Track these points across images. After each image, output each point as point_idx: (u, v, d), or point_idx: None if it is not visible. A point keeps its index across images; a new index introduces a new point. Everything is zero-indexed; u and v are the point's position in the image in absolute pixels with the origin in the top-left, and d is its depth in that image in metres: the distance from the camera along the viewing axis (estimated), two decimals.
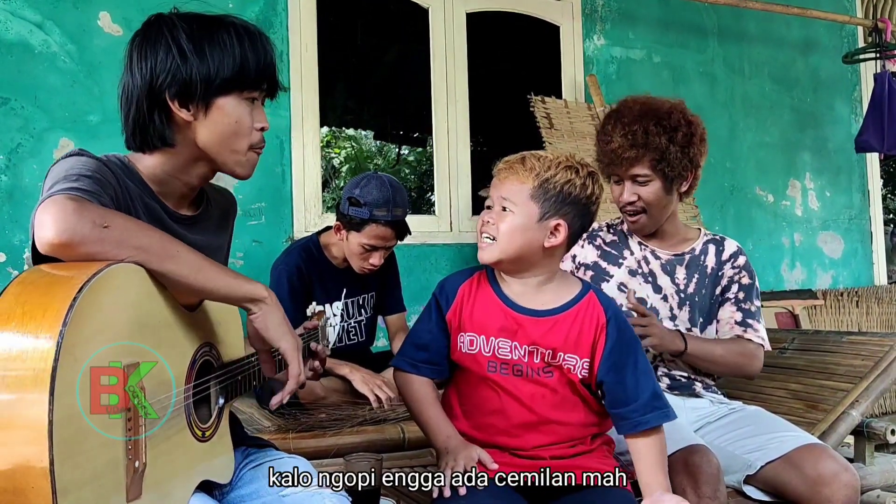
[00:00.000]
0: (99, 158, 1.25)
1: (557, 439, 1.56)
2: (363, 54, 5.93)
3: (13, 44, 2.86)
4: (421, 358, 1.62)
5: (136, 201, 1.28)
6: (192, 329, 1.26)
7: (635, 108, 2.01)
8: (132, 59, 1.31)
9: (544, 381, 1.54)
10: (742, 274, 2.10)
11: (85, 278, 0.99)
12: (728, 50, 4.55)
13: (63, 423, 0.93)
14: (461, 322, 1.58)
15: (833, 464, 1.71)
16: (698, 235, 2.15)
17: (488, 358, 1.55)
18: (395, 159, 11.24)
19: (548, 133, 3.66)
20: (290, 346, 1.28)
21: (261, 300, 1.26)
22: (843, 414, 2.09)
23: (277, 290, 2.56)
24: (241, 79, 1.31)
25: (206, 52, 1.28)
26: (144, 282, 1.13)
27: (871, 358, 2.21)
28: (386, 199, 2.47)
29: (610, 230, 2.16)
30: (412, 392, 1.62)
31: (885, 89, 4.31)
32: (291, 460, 1.45)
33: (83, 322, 0.97)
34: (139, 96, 1.29)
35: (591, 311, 1.56)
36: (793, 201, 4.77)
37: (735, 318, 2.06)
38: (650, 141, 1.94)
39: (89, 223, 1.07)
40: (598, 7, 4.15)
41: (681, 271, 2.08)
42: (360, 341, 2.78)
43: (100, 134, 2.93)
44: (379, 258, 2.56)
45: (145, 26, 1.33)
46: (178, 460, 1.18)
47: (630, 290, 1.95)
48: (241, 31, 1.32)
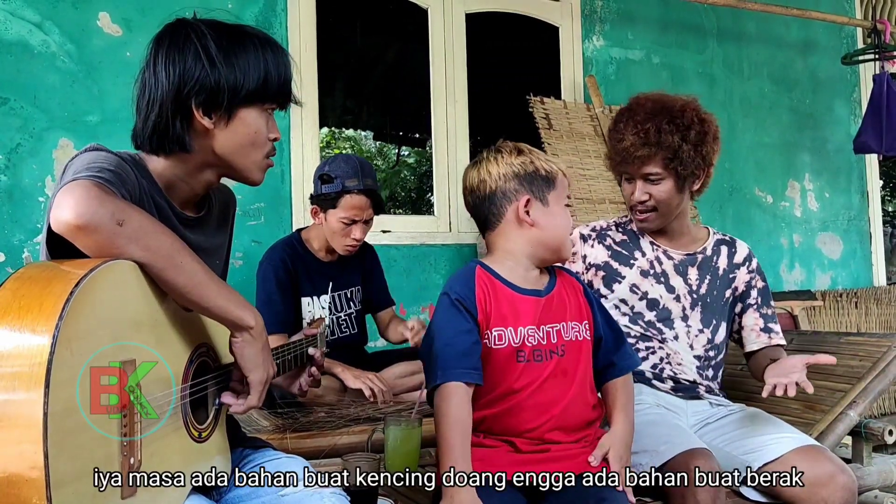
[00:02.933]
0: (117, 154, 1.26)
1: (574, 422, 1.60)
2: (362, 55, 5.94)
3: (12, 44, 2.86)
4: (468, 365, 1.53)
5: (148, 198, 1.29)
6: (189, 329, 1.26)
7: (647, 105, 2.00)
8: (157, 63, 1.31)
9: (560, 361, 1.60)
10: (757, 278, 2.13)
11: (82, 273, 1.00)
12: (727, 50, 4.56)
13: (58, 416, 0.93)
14: (489, 319, 1.59)
15: (830, 465, 1.71)
16: (707, 235, 2.15)
17: (517, 347, 1.58)
18: (394, 160, 11.23)
19: (547, 133, 3.66)
20: (257, 379, 1.28)
21: (246, 328, 1.26)
22: (841, 415, 2.08)
23: (265, 284, 2.58)
24: (265, 91, 1.34)
25: (234, 63, 1.30)
26: (141, 280, 1.13)
27: (868, 359, 2.20)
28: (355, 170, 2.55)
29: (619, 229, 2.14)
30: (452, 410, 1.51)
31: (884, 90, 4.32)
32: (289, 460, 1.46)
33: (80, 317, 0.98)
34: (164, 101, 1.30)
35: (570, 281, 1.72)
36: (792, 202, 4.77)
37: (759, 325, 2.10)
38: (663, 139, 1.94)
39: (109, 213, 1.08)
40: (598, 8, 4.16)
41: (693, 272, 2.08)
42: (353, 334, 2.80)
43: (99, 134, 2.93)
44: (360, 232, 2.60)
45: (171, 30, 1.33)
46: (173, 459, 1.19)
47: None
48: (265, 44, 1.35)
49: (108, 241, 1.08)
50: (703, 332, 2.05)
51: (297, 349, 1.57)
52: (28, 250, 2.82)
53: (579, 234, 2.12)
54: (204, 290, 1.19)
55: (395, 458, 1.87)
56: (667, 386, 2.02)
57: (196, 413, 1.27)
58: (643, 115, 1.97)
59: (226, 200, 1.56)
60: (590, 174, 3.66)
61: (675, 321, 2.03)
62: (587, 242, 2.11)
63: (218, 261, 1.51)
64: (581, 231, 2.13)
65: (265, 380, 1.30)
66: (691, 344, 2.04)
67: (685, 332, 2.04)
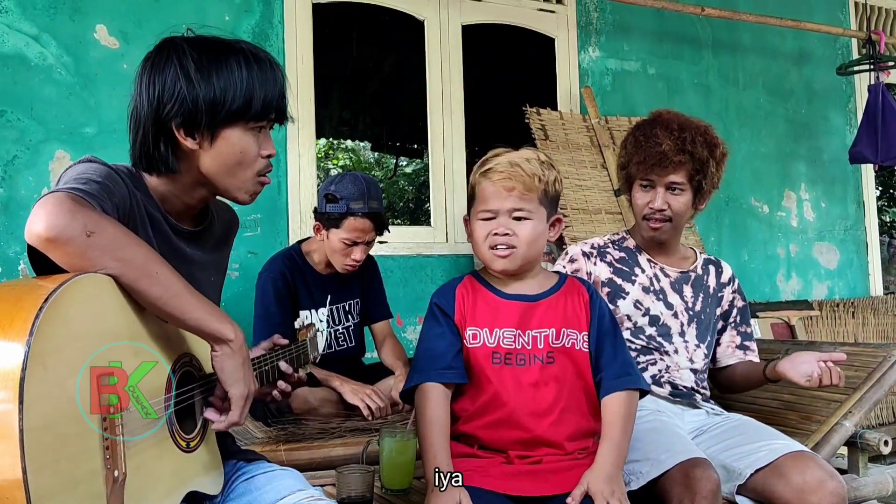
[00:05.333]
0: (110, 166, 1.26)
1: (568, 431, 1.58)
2: (359, 66, 5.96)
3: (9, 56, 2.87)
4: (441, 366, 1.59)
5: (142, 210, 1.29)
6: (171, 340, 1.25)
7: (675, 118, 2.05)
8: (141, 83, 1.31)
9: (549, 369, 1.59)
10: (737, 297, 2.20)
11: (53, 287, 0.99)
12: (722, 61, 4.58)
13: (37, 431, 0.93)
14: (465, 319, 1.63)
15: (819, 471, 1.71)
16: (695, 255, 2.21)
17: (492, 349, 1.59)
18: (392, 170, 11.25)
19: (543, 144, 3.67)
20: (238, 394, 1.26)
21: (225, 342, 1.24)
22: (837, 425, 2.08)
23: (263, 297, 2.58)
24: (248, 110, 1.31)
25: (213, 82, 1.28)
26: (117, 292, 1.13)
27: (864, 369, 2.20)
28: (361, 192, 2.52)
29: (615, 246, 2.16)
30: (427, 409, 1.56)
31: (879, 100, 4.33)
32: (284, 472, 1.45)
33: (52, 332, 0.97)
34: (146, 122, 1.29)
35: (576, 289, 1.70)
36: (788, 212, 4.78)
37: (735, 342, 2.17)
38: (696, 150, 2.00)
39: (80, 225, 1.07)
40: (593, 19, 4.18)
41: (688, 290, 2.12)
42: (351, 346, 2.80)
43: (95, 146, 2.93)
44: (360, 253, 2.59)
45: (157, 50, 1.32)
46: (161, 471, 1.18)
47: None
48: (250, 59, 1.32)
49: (80, 253, 1.08)
50: (699, 347, 2.09)
51: (263, 364, 1.50)
52: (24, 262, 2.82)
53: (581, 252, 2.13)
54: (180, 302, 1.18)
55: (390, 471, 1.87)
56: (665, 391, 2.04)
57: (183, 423, 1.27)
58: (677, 124, 2.03)
59: (229, 220, 1.56)
60: (586, 185, 3.67)
61: (673, 336, 2.07)
62: (590, 259, 2.11)
63: (213, 277, 1.50)
64: (582, 248, 2.14)
65: (246, 395, 1.27)
66: (690, 357, 2.07)
67: (683, 347, 2.07)
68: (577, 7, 4.13)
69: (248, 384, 1.28)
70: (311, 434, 2.20)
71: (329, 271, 2.70)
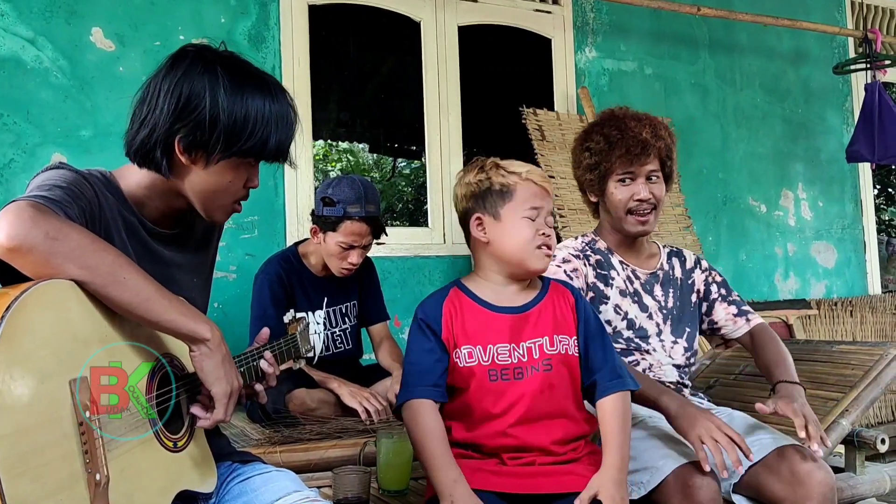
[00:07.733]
0: (79, 172, 1.25)
1: (558, 436, 1.58)
2: (356, 67, 5.95)
3: (5, 59, 2.87)
4: (429, 382, 1.57)
5: (115, 214, 1.29)
6: (150, 341, 1.25)
7: (632, 111, 2.08)
8: (163, 83, 1.29)
9: (546, 376, 1.58)
10: (713, 273, 2.19)
11: (14, 295, 0.99)
12: (719, 61, 4.58)
13: (10, 439, 0.93)
14: (456, 337, 1.60)
15: (807, 463, 1.70)
16: (659, 250, 2.19)
17: (488, 367, 1.57)
18: (390, 172, 11.25)
19: (540, 145, 3.67)
20: (220, 392, 1.25)
21: (202, 341, 1.23)
22: (834, 423, 2.08)
23: (260, 298, 2.58)
24: (262, 151, 1.32)
25: (236, 112, 1.27)
26: (82, 297, 1.12)
27: (861, 367, 2.21)
28: (358, 195, 2.52)
29: (590, 249, 2.11)
30: (421, 423, 1.54)
31: (876, 99, 4.34)
32: (280, 473, 1.45)
33: (17, 340, 0.97)
34: (156, 126, 1.28)
35: (561, 293, 1.69)
36: (786, 211, 4.79)
37: (732, 312, 2.14)
38: (665, 137, 2.03)
39: (42, 233, 1.07)
40: (590, 20, 4.18)
41: (658, 289, 2.10)
42: (348, 349, 2.80)
43: (92, 148, 2.94)
44: (357, 257, 2.59)
45: (193, 56, 1.30)
46: (148, 472, 1.18)
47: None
48: (276, 96, 1.32)
49: (43, 261, 1.07)
50: (677, 343, 2.06)
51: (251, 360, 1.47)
52: None
53: (570, 253, 2.06)
54: (152, 305, 1.17)
55: (386, 472, 1.87)
56: None
57: (169, 423, 1.26)
58: (639, 115, 2.05)
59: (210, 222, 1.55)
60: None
61: (651, 338, 2.04)
62: (581, 260, 2.06)
63: (195, 279, 1.49)
64: (570, 251, 2.08)
65: (229, 392, 1.26)
66: (670, 354, 2.05)
67: (661, 346, 2.05)
68: (574, 7, 4.14)
69: (231, 381, 1.27)
70: (308, 436, 2.20)
71: (326, 274, 2.70)
